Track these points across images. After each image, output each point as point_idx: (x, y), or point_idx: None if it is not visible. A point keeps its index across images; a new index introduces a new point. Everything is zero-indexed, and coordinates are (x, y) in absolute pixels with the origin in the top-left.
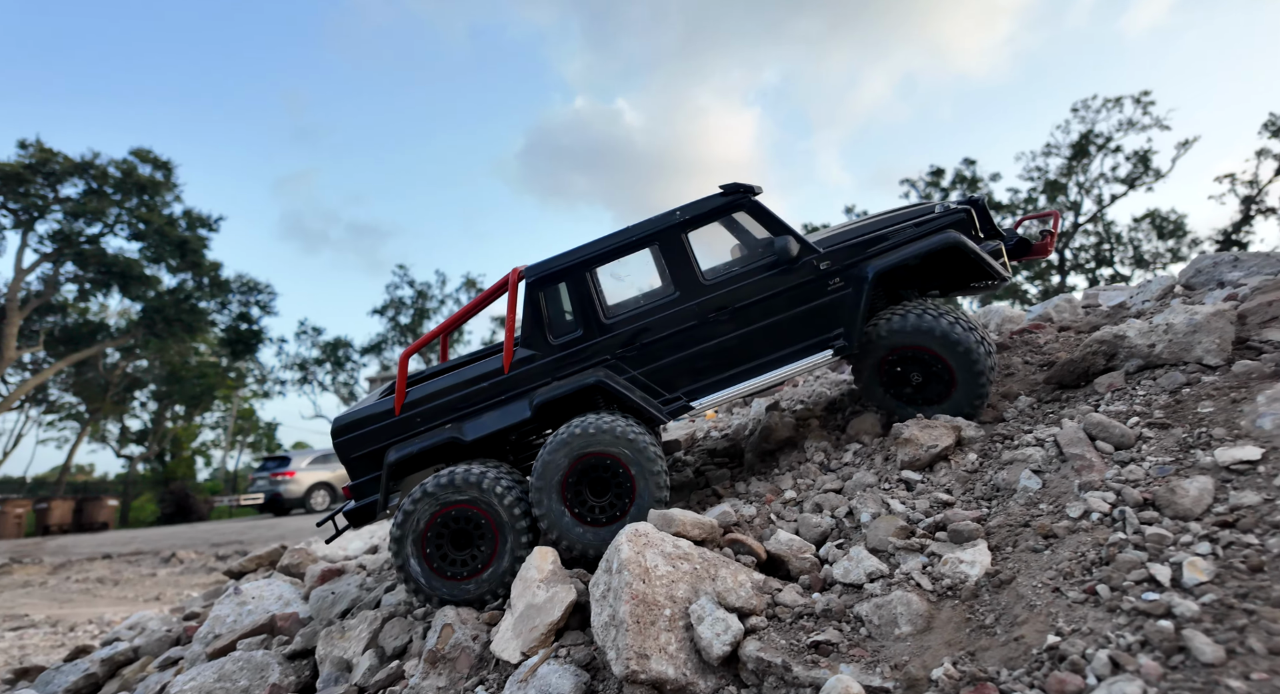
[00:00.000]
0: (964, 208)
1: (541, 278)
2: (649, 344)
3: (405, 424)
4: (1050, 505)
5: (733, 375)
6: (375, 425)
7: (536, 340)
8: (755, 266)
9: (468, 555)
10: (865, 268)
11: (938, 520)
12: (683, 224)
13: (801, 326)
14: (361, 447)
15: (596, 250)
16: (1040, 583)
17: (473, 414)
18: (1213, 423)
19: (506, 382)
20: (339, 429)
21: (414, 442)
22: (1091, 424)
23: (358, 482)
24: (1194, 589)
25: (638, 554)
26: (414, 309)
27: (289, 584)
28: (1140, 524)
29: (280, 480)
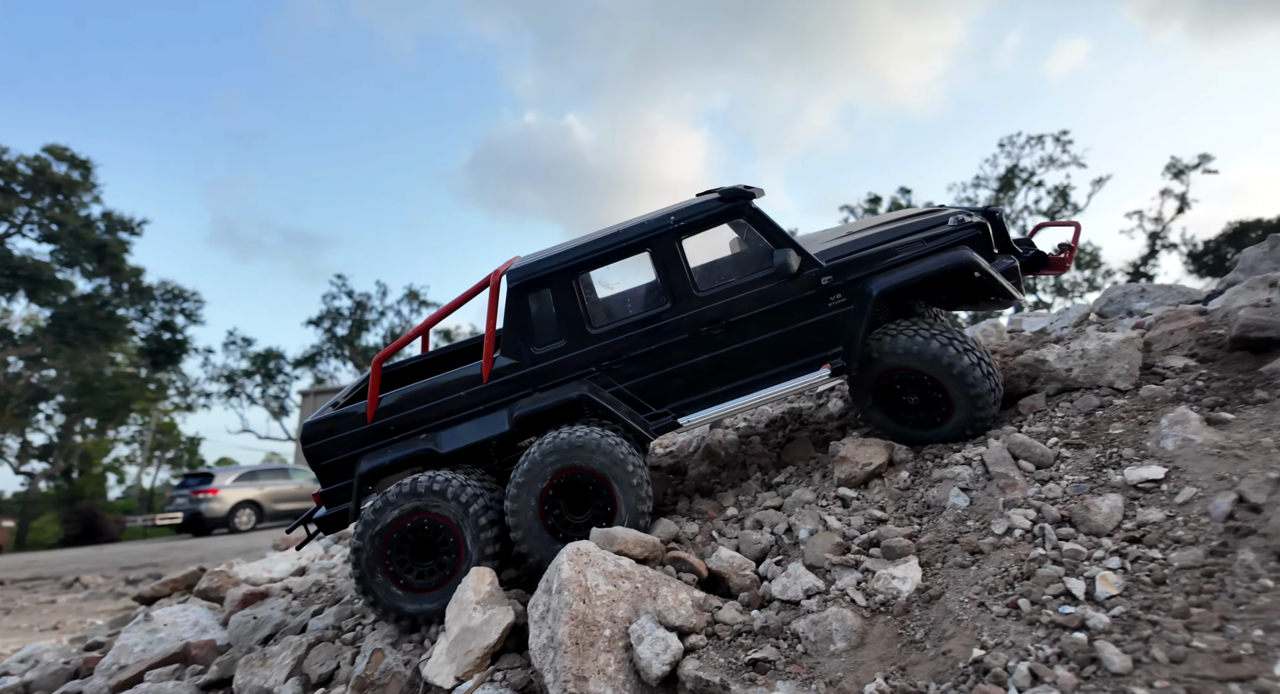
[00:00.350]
0: (979, 223)
1: (525, 282)
2: (637, 357)
3: (378, 432)
4: (977, 522)
5: (724, 392)
6: (346, 432)
7: (518, 348)
8: (752, 279)
9: (431, 567)
10: (869, 284)
11: (872, 537)
12: (677, 231)
13: (799, 343)
14: (332, 453)
15: (584, 255)
16: (967, 598)
17: (449, 424)
18: (1122, 443)
19: (485, 391)
20: (309, 434)
21: (386, 451)
22: (1015, 444)
23: (329, 489)
24: (1105, 602)
25: (579, 573)
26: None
27: (206, 610)
28: (1058, 540)
29: (202, 498)
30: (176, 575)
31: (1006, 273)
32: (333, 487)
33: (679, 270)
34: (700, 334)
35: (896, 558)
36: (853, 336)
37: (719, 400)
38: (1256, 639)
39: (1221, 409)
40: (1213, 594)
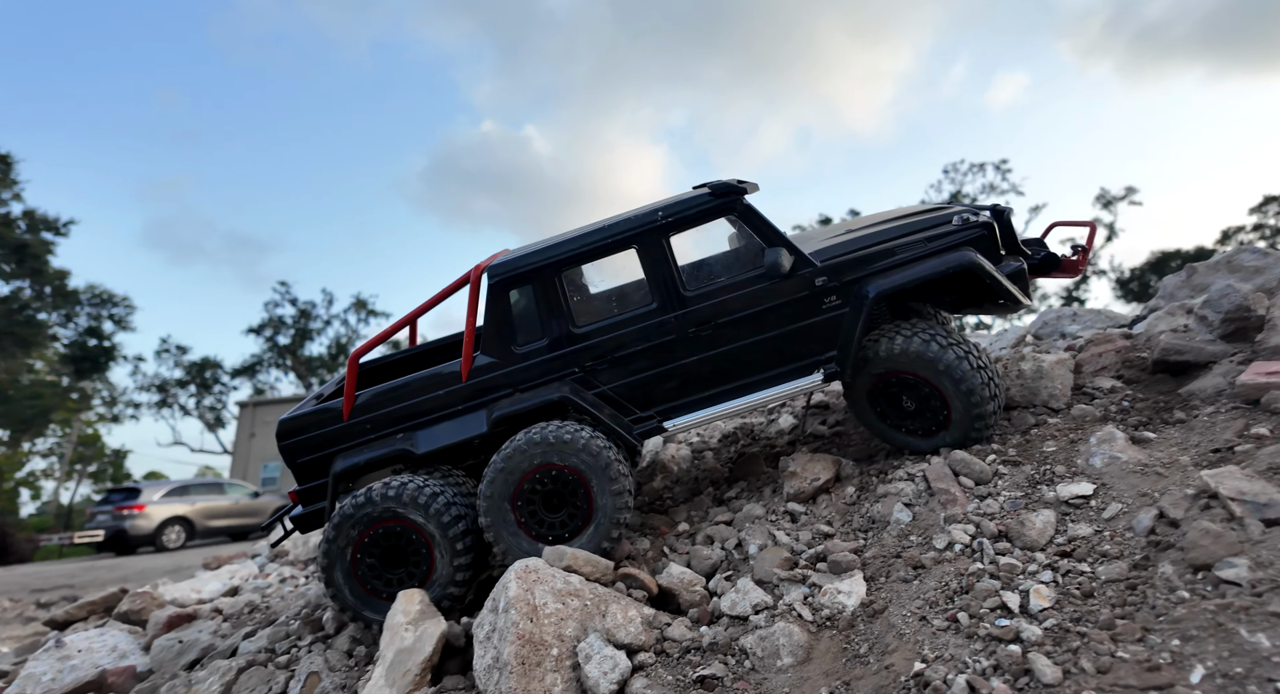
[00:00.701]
0: (986, 223)
1: (506, 278)
2: (622, 358)
3: (354, 430)
4: (919, 537)
5: (712, 396)
6: (322, 430)
7: (498, 347)
8: (742, 279)
9: (402, 574)
10: (866, 286)
11: (819, 552)
12: (664, 227)
13: (791, 346)
14: (307, 451)
15: (568, 251)
16: (909, 612)
17: (426, 423)
18: (1055, 461)
19: (464, 391)
20: (284, 431)
21: (362, 451)
22: (955, 460)
23: (304, 487)
24: (1038, 615)
25: (526, 592)
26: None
27: (127, 634)
28: (995, 554)
29: (126, 514)
30: (94, 597)
31: (1013, 276)
32: (309, 484)
33: (666, 268)
34: (688, 335)
35: (842, 573)
36: (847, 340)
37: (707, 404)
38: (1174, 649)
39: (1144, 428)
40: (1135, 606)
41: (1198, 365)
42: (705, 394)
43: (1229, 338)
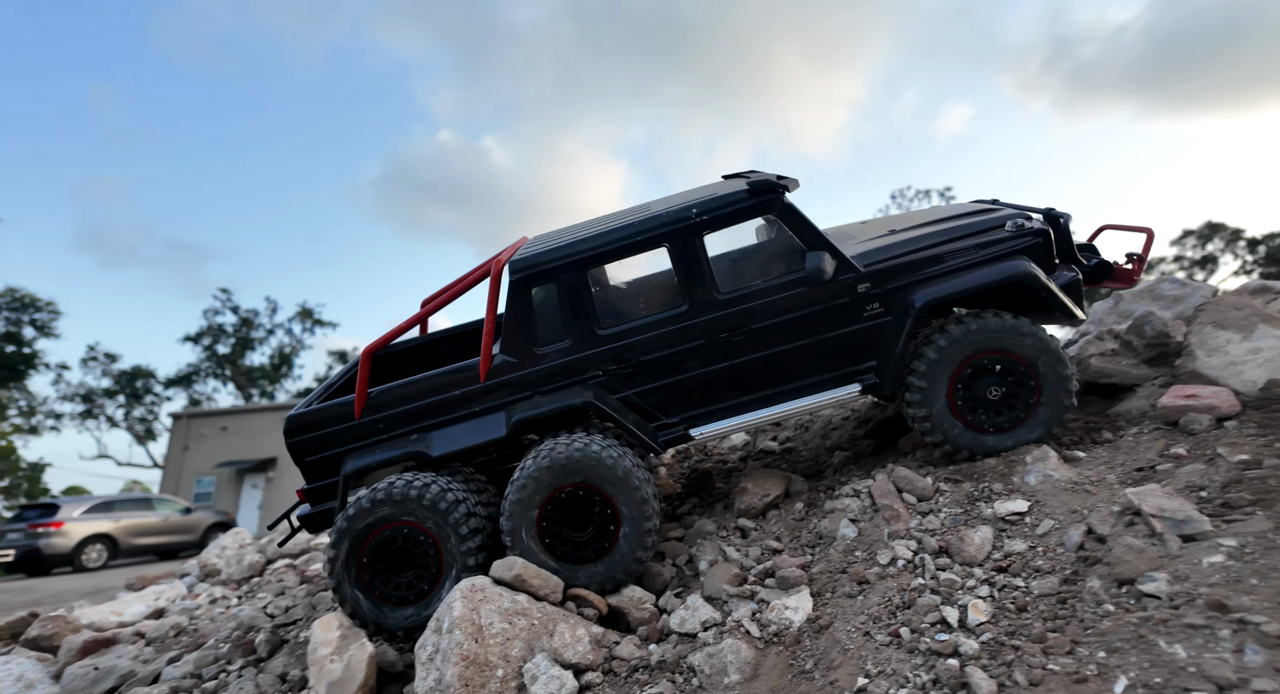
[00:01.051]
0: (1040, 230)
1: (530, 274)
2: (649, 362)
3: (366, 429)
4: (864, 553)
5: (740, 404)
6: (332, 428)
7: (519, 346)
8: (779, 282)
9: (411, 578)
10: (912, 295)
11: (768, 567)
12: (699, 225)
13: (827, 355)
14: (316, 450)
15: (595, 247)
16: (854, 627)
17: (441, 424)
18: (993, 478)
19: (481, 391)
20: (293, 428)
21: (374, 451)
22: (899, 477)
23: (313, 486)
24: (976, 629)
25: (472, 611)
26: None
27: (35, 661)
28: (936, 570)
29: (41, 532)
30: None
31: (1068, 287)
32: (316, 484)
33: (699, 269)
34: (719, 340)
35: (790, 588)
36: (889, 351)
37: (735, 413)
38: (1100, 660)
39: (1076, 447)
40: (1065, 620)
41: (1124, 387)
42: (734, 402)
43: (1151, 362)
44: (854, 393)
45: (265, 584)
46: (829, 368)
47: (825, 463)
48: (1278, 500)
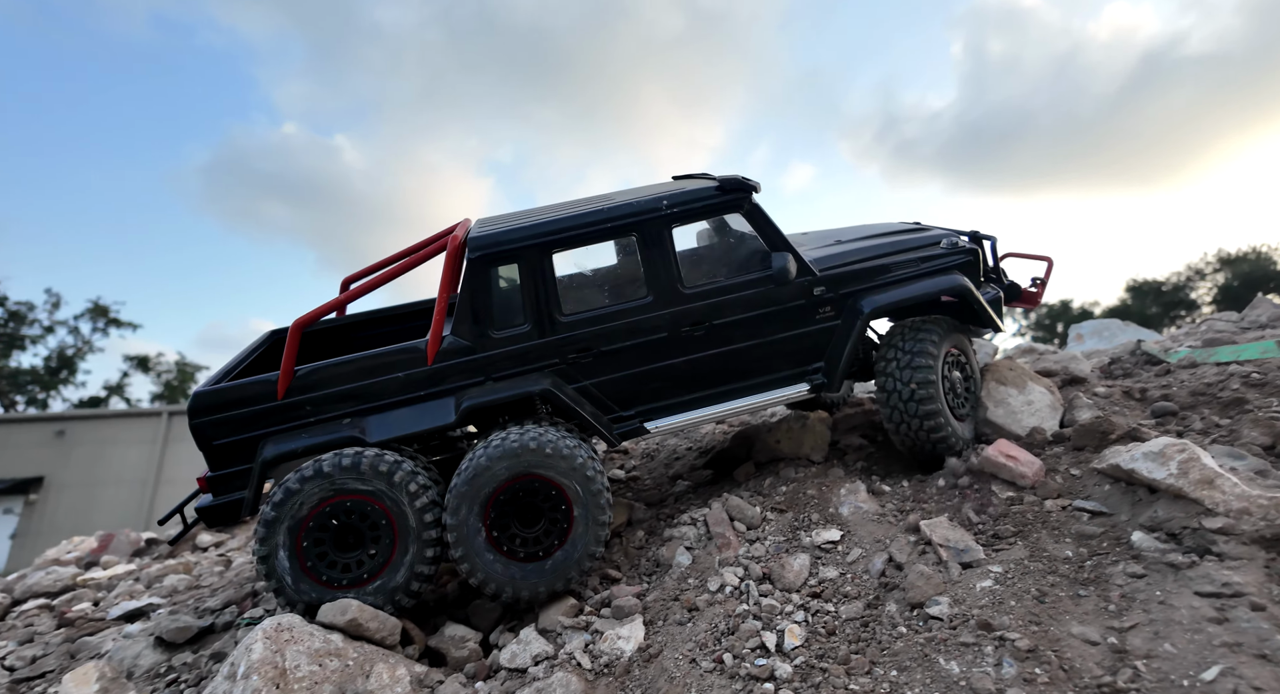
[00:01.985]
0: (971, 249)
1: (492, 254)
2: (609, 352)
3: (289, 411)
4: (696, 580)
5: (696, 399)
6: (250, 409)
7: (473, 329)
8: (743, 280)
9: (353, 559)
10: (861, 301)
11: (604, 597)
12: (669, 217)
13: (782, 355)
14: (228, 432)
15: (562, 229)
16: (681, 655)
17: (379, 408)
18: (812, 508)
19: (429, 374)
20: (200, 407)
21: (299, 436)
22: (731, 506)
23: (218, 473)
24: (791, 653)
25: (275, 654)
26: (2, 334)
27: None
28: (759, 596)
29: None
30: None
31: (992, 303)
32: (223, 471)
33: (665, 262)
34: (681, 334)
35: (624, 617)
36: (837, 353)
37: (690, 407)
38: (892, 679)
39: (882, 482)
40: (867, 642)
41: None
42: (690, 396)
43: None
44: (803, 391)
45: (8, 630)
46: (781, 366)
47: (668, 491)
48: (1033, 531)
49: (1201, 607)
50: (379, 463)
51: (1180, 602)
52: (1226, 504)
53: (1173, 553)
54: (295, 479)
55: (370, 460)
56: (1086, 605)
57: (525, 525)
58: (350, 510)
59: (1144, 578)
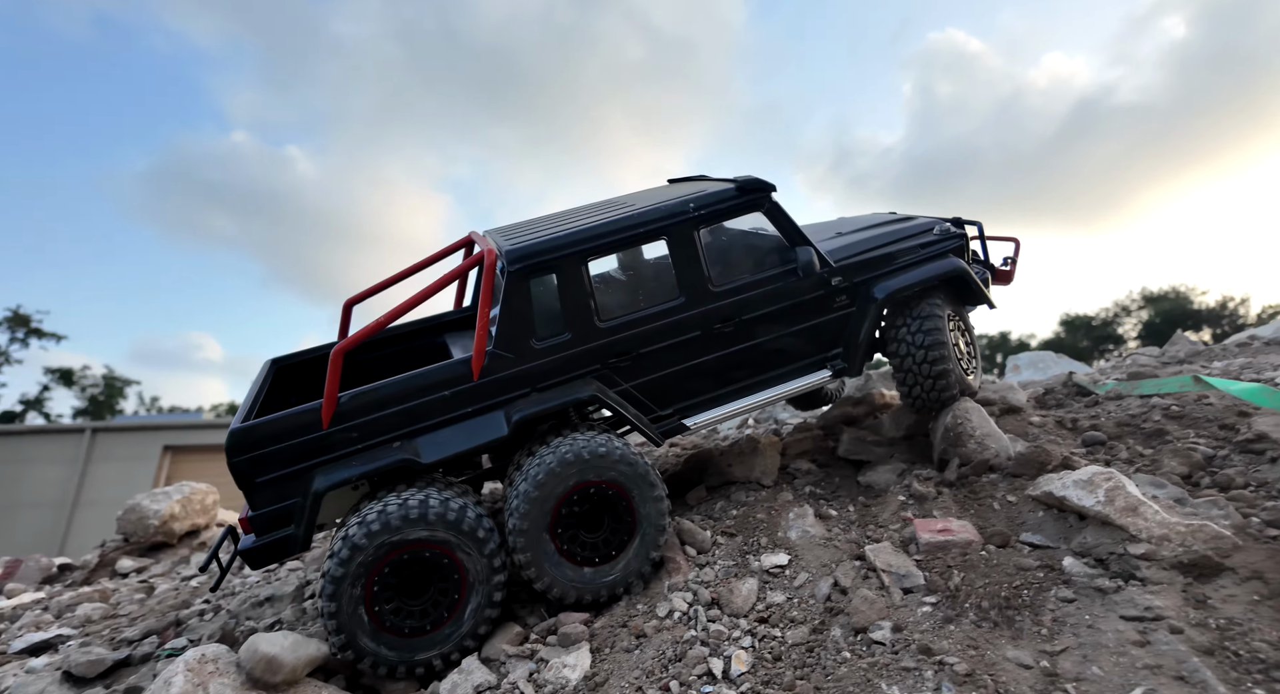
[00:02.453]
0: (960, 234)
1: (530, 265)
2: (646, 354)
3: (336, 439)
4: (645, 605)
5: (730, 392)
6: (294, 440)
7: (515, 341)
8: (768, 275)
9: (423, 607)
10: (873, 288)
11: (550, 624)
12: (696, 219)
13: (804, 343)
14: (273, 467)
15: (596, 236)
16: (628, 683)
17: (427, 428)
18: (761, 532)
19: (474, 391)
20: (239, 443)
21: (351, 463)
22: (683, 530)
23: (262, 512)
24: (737, 679)
25: (197, 688)
26: None
27: None
28: (707, 621)
29: None
30: None
31: (984, 281)
32: (267, 509)
33: (696, 262)
34: (713, 331)
35: (571, 645)
36: (854, 338)
37: (723, 401)
38: None
39: (829, 506)
40: (812, 667)
41: (870, 460)
42: (723, 390)
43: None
44: (826, 377)
45: None
46: (804, 355)
47: None
48: (973, 556)
49: (1126, 630)
50: (447, 511)
51: (1107, 626)
52: (1149, 531)
53: (1100, 578)
54: (361, 533)
55: (438, 508)
56: (1021, 629)
57: (589, 531)
58: (411, 561)
59: (1074, 602)
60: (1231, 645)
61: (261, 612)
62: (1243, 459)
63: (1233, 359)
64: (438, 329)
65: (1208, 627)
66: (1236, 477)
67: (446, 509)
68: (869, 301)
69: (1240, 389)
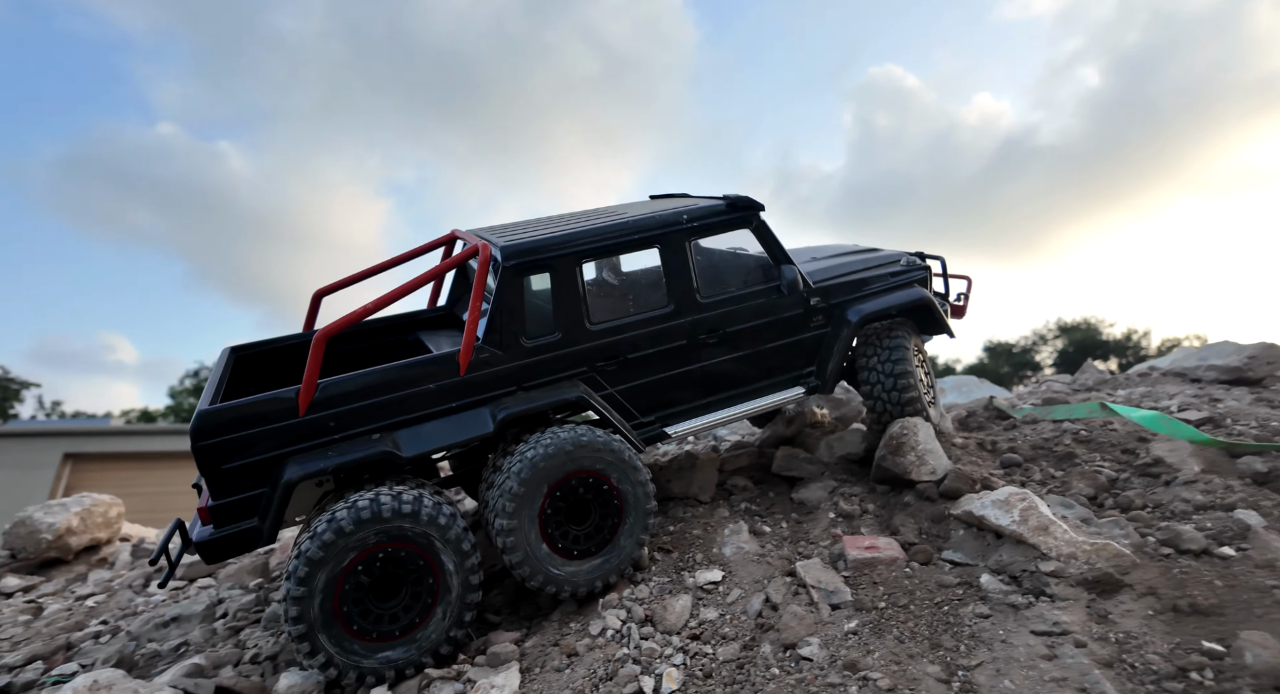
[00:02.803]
0: (925, 266)
1: (526, 263)
2: (634, 360)
3: (311, 427)
4: (578, 623)
5: (711, 403)
6: (267, 426)
7: (505, 338)
8: (753, 290)
9: (396, 609)
10: (847, 310)
11: (479, 644)
12: (689, 231)
13: (782, 360)
14: (241, 454)
15: (592, 239)
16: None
17: (410, 422)
18: (697, 548)
19: (459, 385)
20: (206, 426)
21: (328, 453)
22: None
23: (224, 501)
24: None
25: None
26: None
27: None
28: (640, 639)
29: None
30: None
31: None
32: (229, 498)
33: (685, 272)
34: (698, 341)
35: (499, 665)
36: (827, 357)
37: (703, 412)
38: None
39: (764, 522)
40: (741, 684)
41: (803, 477)
42: (704, 401)
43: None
44: (800, 394)
45: None
46: (781, 371)
47: None
48: (897, 573)
49: (1036, 645)
50: (414, 505)
51: (1019, 640)
52: (1058, 549)
53: (1014, 594)
54: (349, 519)
55: (411, 504)
56: (940, 644)
57: (575, 523)
58: (386, 560)
59: (989, 618)
60: (1128, 658)
61: (166, 633)
62: (1141, 482)
63: (1134, 388)
64: (409, 327)
65: (1108, 640)
66: (1136, 498)
67: (439, 511)
68: (844, 323)
69: (1140, 416)
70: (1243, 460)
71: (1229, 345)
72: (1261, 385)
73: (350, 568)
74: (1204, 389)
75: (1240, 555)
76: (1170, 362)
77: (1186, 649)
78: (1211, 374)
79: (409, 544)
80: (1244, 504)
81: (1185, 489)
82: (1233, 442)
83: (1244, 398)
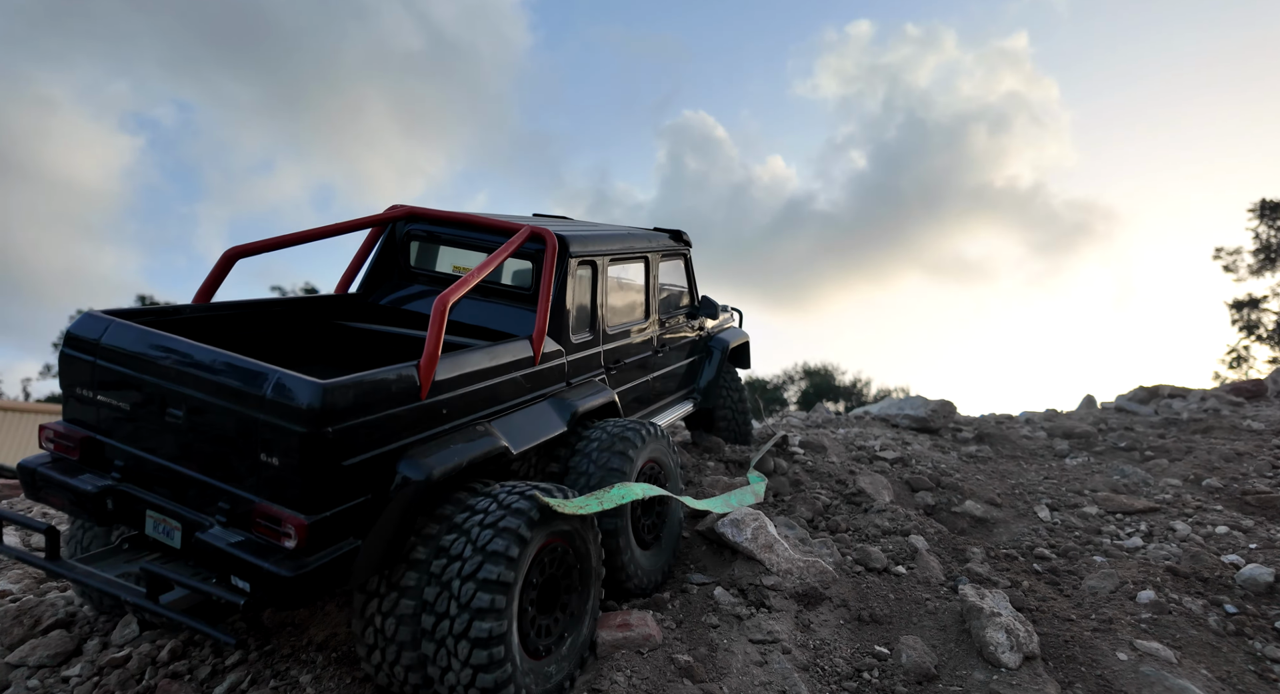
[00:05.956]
0: (741, 315)
1: (580, 259)
2: (626, 366)
3: (429, 415)
4: None
5: (652, 410)
6: (386, 411)
7: (561, 332)
8: (681, 313)
9: (553, 619)
10: (713, 341)
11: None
12: (660, 252)
13: (687, 377)
14: (366, 445)
15: (613, 246)
16: None
17: (502, 413)
18: None
19: (535, 377)
20: (337, 407)
21: (446, 446)
22: None
23: (331, 513)
24: None
25: None
26: None
27: None
28: None
29: None
30: None
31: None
32: (339, 507)
33: (653, 289)
34: (658, 354)
35: None
36: (709, 378)
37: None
38: None
39: None
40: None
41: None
42: (650, 408)
43: None
44: (690, 409)
45: None
46: (682, 387)
47: None
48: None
49: (751, 652)
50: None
51: (739, 648)
52: (779, 565)
53: (740, 606)
54: (523, 523)
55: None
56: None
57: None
58: (558, 558)
59: (718, 628)
60: (820, 661)
61: None
62: (848, 508)
63: (850, 428)
64: (317, 312)
65: (808, 647)
66: (842, 522)
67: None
68: (715, 350)
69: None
70: (918, 494)
71: (919, 399)
72: (938, 434)
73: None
74: (899, 434)
75: (909, 573)
76: (879, 409)
77: (863, 652)
78: (906, 421)
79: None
80: (916, 530)
81: (878, 516)
82: (696, 502)
83: (925, 443)
